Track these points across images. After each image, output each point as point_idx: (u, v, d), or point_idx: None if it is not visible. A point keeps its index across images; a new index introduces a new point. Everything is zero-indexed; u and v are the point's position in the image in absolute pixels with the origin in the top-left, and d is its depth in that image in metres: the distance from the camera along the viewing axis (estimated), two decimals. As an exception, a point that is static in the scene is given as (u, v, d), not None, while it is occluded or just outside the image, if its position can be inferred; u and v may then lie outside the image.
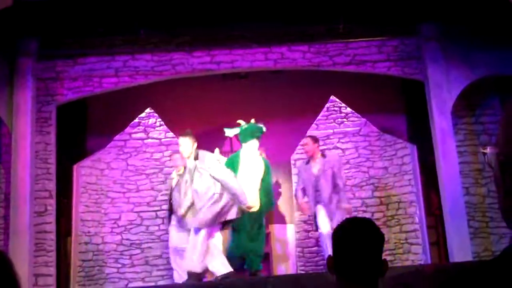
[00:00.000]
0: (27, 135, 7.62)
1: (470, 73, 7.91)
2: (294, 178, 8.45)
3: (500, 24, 7.37)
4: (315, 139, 7.35)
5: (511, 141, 1.04)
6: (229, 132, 6.90)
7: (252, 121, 6.89)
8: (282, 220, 8.95)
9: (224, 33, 8.20)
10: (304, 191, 7.24)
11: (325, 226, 6.79)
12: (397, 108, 8.96)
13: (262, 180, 6.89)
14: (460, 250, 7.15)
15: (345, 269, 1.96)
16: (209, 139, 7.10)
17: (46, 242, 7.55)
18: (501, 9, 6.32)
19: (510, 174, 1.03)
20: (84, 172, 8.56)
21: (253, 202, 6.35)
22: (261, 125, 6.98)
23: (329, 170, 7.06)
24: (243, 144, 6.90)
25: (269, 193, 7.19)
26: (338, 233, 2.00)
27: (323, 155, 7.24)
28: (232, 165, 6.51)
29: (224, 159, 6.70)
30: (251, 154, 6.80)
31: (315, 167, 7.11)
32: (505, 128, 1.06)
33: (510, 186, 1.03)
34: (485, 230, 7.94)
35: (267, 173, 7.01)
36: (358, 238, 1.95)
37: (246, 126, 6.92)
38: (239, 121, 6.92)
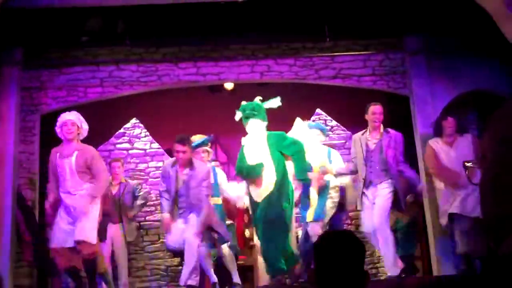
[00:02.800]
0: (11, 144, 7.55)
1: (455, 87, 7.98)
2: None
3: (484, 39, 7.45)
4: None
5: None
6: (237, 116, 6.34)
7: (243, 103, 6.30)
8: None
9: (211, 45, 8.21)
10: None
11: None
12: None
13: None
14: (444, 263, 7.16)
15: (327, 282, 1.94)
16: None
17: (27, 252, 7.46)
18: (485, 25, 6.39)
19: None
20: (67, 183, 8.47)
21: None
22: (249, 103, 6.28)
23: None
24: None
25: None
26: (319, 246, 2.00)
27: None
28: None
29: None
30: (252, 136, 6.18)
31: None
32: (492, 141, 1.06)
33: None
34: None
35: None
36: (339, 250, 1.95)
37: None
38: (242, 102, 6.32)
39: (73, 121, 5.72)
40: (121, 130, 9.10)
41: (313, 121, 7.11)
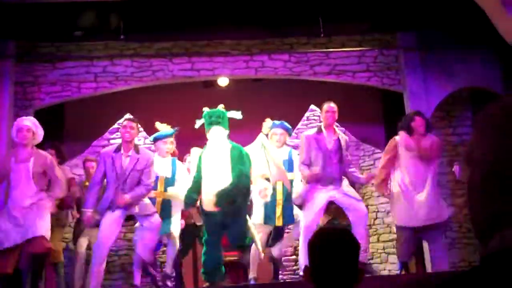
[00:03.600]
0: (4, 139, 7.53)
1: (449, 84, 8.01)
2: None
3: (479, 35, 7.47)
4: None
5: (497, 151, 1.03)
6: (197, 124, 5.99)
7: (205, 109, 5.95)
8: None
9: (205, 40, 8.20)
10: None
11: None
12: (376, 117, 9.04)
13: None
14: (437, 260, 7.18)
15: (321, 279, 1.96)
16: (188, 146, 7.03)
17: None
18: (480, 21, 6.41)
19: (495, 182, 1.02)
20: (61, 178, 8.46)
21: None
22: (217, 109, 5.94)
23: None
24: (207, 135, 5.93)
25: None
26: (314, 243, 2.00)
27: None
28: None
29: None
30: (214, 143, 5.83)
31: None
32: (487, 138, 1.06)
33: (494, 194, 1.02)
34: (461, 241, 8.01)
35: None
36: (334, 247, 1.95)
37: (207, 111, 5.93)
38: (205, 108, 5.99)
39: (28, 127, 5.71)
40: (115, 125, 9.08)
41: (280, 121, 6.86)
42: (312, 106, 9.26)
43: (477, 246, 7.94)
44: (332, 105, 6.24)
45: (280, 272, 7.11)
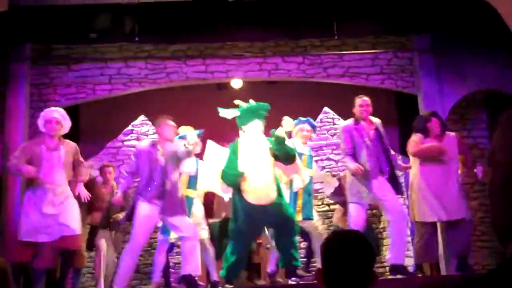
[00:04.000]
0: (20, 141, 7.59)
1: (463, 86, 7.96)
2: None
3: (493, 37, 7.42)
4: None
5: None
6: (225, 113, 5.73)
7: (251, 101, 5.78)
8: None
9: (219, 43, 8.22)
10: None
11: None
12: (390, 120, 8.97)
13: None
14: (451, 263, 7.14)
15: (334, 282, 1.96)
16: (202, 148, 7.04)
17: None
18: (494, 23, 6.37)
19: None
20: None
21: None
22: (265, 104, 5.81)
23: None
24: (243, 127, 5.70)
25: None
26: (328, 246, 2.00)
27: None
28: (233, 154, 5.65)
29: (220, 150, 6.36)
30: (255, 137, 5.63)
31: None
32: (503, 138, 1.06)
33: None
34: (475, 244, 7.94)
35: None
36: (347, 250, 1.95)
37: (247, 105, 5.72)
38: (237, 101, 5.81)
39: (57, 119, 5.78)
40: (129, 127, 9.13)
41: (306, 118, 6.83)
42: (326, 109, 9.25)
43: (491, 249, 7.89)
44: (365, 98, 6.10)
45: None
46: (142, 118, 9.17)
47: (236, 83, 8.45)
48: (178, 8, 7.46)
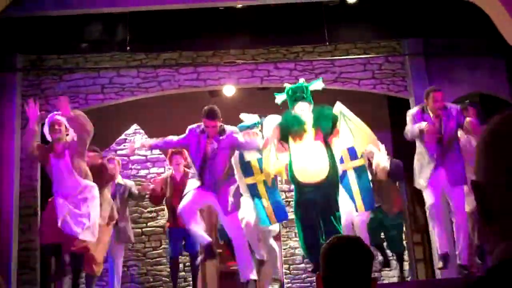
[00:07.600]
0: (12, 152, 7.56)
1: (455, 90, 7.99)
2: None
3: (484, 41, 7.47)
4: None
5: (490, 168, 0.99)
6: (278, 98, 5.66)
7: (301, 80, 5.66)
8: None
9: (210, 50, 8.23)
10: None
11: None
12: (382, 124, 9.01)
13: None
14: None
15: (334, 287, 1.96)
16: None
17: (30, 260, 7.47)
18: (485, 27, 6.41)
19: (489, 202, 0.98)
20: (69, 189, 8.47)
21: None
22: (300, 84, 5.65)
23: None
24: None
25: None
26: (327, 252, 2.00)
27: None
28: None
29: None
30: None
31: None
32: (482, 156, 1.02)
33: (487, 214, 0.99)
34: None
35: None
36: (347, 256, 1.96)
37: (287, 89, 5.64)
38: (285, 84, 5.72)
39: (60, 121, 5.62)
40: (122, 136, 9.10)
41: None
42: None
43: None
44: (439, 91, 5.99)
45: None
46: (135, 127, 9.15)
47: (229, 90, 8.45)
48: (169, 16, 7.47)
